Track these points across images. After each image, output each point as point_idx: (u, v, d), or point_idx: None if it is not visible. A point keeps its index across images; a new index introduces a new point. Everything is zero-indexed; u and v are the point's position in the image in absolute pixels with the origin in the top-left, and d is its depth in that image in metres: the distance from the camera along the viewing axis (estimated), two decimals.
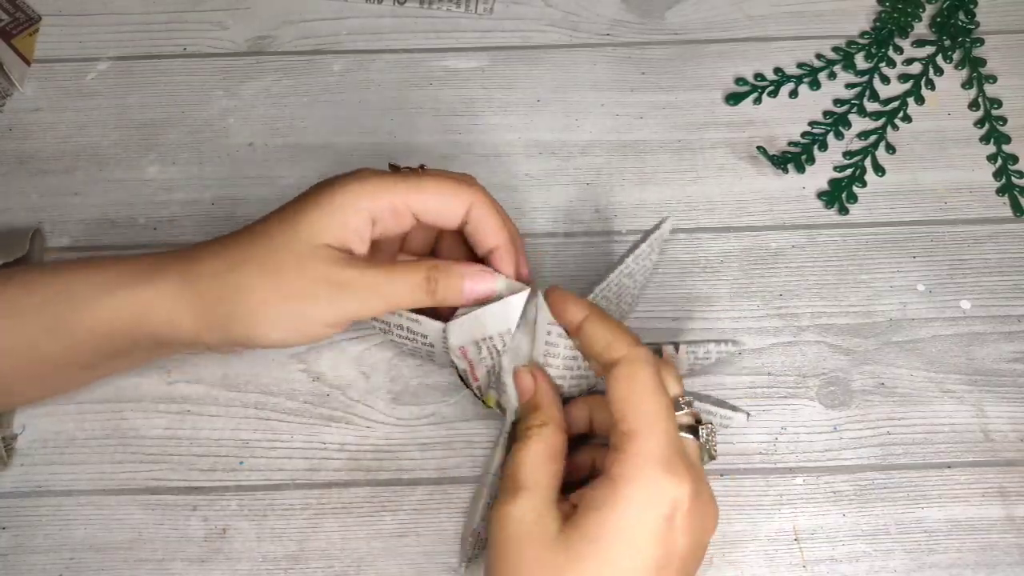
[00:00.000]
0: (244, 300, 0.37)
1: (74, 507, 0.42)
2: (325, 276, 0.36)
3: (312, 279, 0.36)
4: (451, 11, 0.56)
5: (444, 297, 0.38)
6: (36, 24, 0.55)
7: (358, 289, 0.37)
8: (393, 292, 0.37)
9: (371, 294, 0.37)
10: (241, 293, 0.37)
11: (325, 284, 0.36)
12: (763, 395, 0.45)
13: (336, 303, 0.37)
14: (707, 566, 0.41)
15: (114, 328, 0.37)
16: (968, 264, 0.48)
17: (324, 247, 0.37)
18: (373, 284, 0.37)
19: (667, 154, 0.51)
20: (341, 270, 0.37)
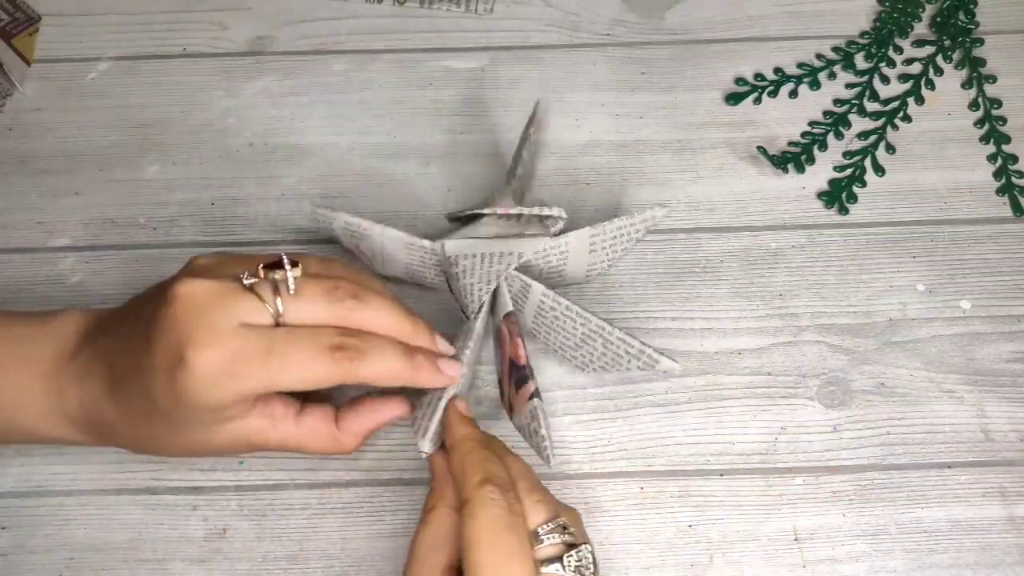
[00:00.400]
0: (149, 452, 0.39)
1: (74, 507, 0.42)
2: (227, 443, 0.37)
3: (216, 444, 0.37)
4: (451, 11, 0.56)
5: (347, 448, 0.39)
6: (36, 24, 0.55)
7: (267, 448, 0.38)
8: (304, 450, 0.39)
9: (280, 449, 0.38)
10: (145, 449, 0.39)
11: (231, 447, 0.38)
12: (763, 395, 0.45)
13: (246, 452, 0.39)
14: (707, 566, 0.41)
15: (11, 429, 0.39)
16: (968, 264, 0.48)
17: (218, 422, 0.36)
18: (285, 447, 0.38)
19: (667, 154, 0.51)
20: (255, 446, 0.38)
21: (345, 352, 0.35)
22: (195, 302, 0.34)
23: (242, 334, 0.34)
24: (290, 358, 0.34)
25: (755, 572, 0.41)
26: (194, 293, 0.34)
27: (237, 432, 0.37)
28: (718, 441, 0.44)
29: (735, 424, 0.44)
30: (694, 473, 0.43)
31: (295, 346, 0.35)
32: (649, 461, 0.43)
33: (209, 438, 0.36)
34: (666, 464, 0.43)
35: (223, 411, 0.35)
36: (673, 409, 0.44)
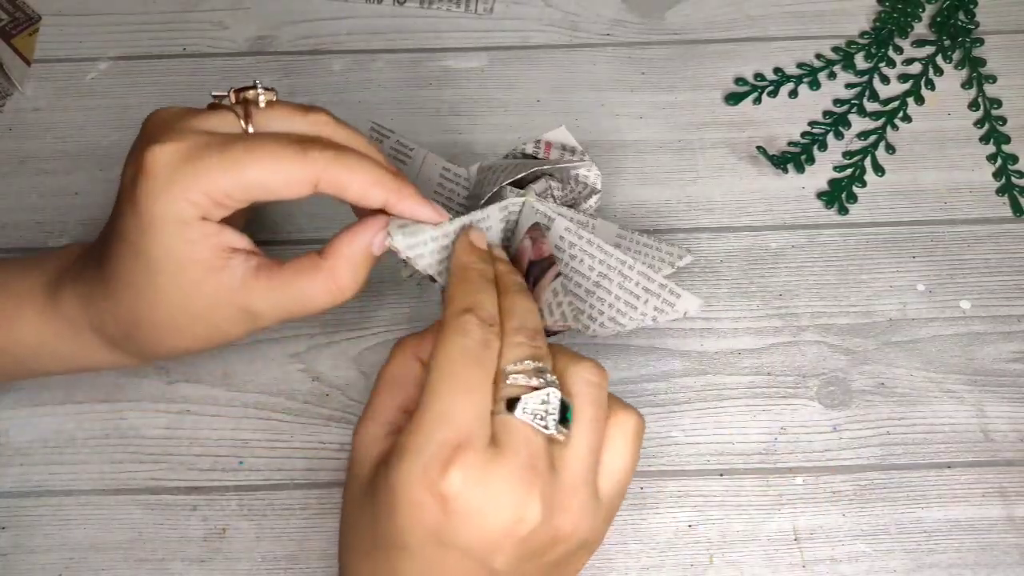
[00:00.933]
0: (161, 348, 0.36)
1: (74, 507, 0.42)
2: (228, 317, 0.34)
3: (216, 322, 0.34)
4: (451, 11, 0.56)
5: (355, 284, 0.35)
6: (36, 24, 0.55)
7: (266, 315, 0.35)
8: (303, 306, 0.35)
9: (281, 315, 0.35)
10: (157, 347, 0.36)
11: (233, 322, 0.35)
12: (763, 395, 0.45)
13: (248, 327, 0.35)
14: (707, 566, 0.41)
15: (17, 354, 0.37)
16: (968, 264, 0.48)
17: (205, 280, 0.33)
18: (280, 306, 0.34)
19: (667, 154, 0.51)
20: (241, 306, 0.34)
21: (318, 143, 0.32)
22: (161, 117, 0.33)
23: (206, 134, 0.32)
24: (256, 147, 0.32)
25: (755, 572, 0.41)
26: (162, 112, 0.34)
27: (219, 289, 0.33)
28: (718, 441, 0.44)
29: (735, 424, 0.44)
30: (694, 473, 0.43)
31: (263, 138, 0.32)
32: (649, 461, 0.43)
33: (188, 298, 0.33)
34: (666, 464, 0.43)
35: (189, 225, 0.32)
36: (673, 409, 0.44)
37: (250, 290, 0.34)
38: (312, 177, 0.32)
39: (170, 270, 0.33)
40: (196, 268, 0.33)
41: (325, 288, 0.34)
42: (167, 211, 0.32)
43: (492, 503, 0.30)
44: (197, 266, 0.33)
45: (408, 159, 0.45)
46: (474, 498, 0.29)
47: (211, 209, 0.32)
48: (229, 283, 0.33)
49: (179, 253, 0.32)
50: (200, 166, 0.31)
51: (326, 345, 0.46)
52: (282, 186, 0.32)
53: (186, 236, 0.32)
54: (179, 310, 0.34)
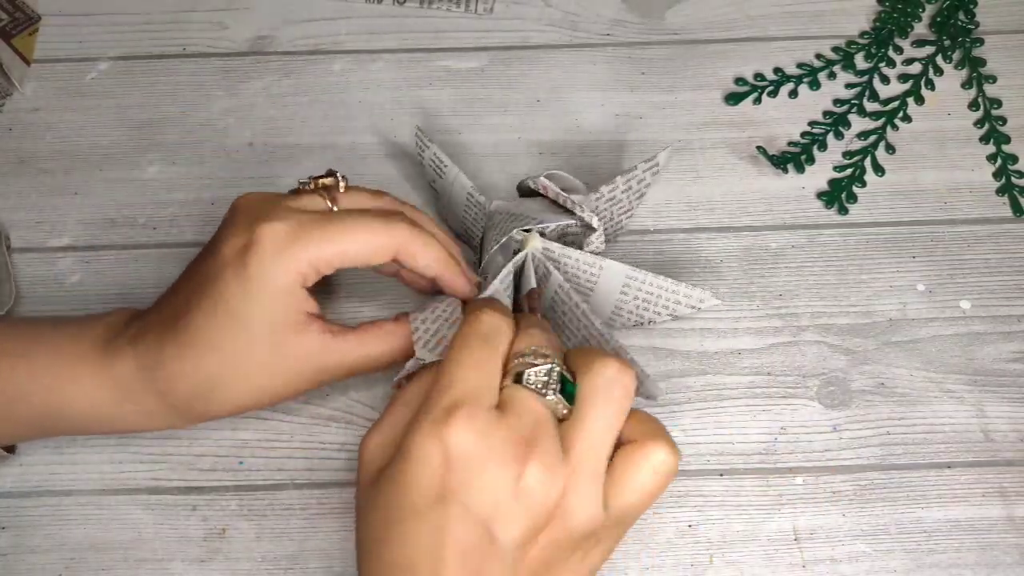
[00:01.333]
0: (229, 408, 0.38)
1: (74, 507, 0.42)
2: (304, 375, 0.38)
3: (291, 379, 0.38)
4: (451, 11, 0.56)
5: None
6: (36, 24, 0.55)
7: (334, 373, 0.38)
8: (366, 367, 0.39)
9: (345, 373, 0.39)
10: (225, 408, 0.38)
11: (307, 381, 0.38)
12: (763, 395, 0.45)
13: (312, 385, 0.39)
14: (707, 566, 0.41)
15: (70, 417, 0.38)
16: (968, 264, 0.48)
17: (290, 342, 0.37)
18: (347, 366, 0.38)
19: None
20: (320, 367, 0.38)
21: (399, 218, 0.37)
22: (258, 200, 0.37)
23: (302, 212, 0.37)
24: (348, 222, 0.36)
25: (755, 572, 0.41)
26: (255, 196, 0.38)
27: (300, 349, 0.37)
28: (718, 441, 0.44)
29: (735, 424, 0.44)
30: (694, 473, 0.43)
31: (351, 214, 0.37)
32: None
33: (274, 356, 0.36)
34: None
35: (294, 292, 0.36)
36: (673, 409, 0.44)
37: (329, 353, 0.37)
38: (395, 248, 0.37)
39: (264, 332, 0.36)
40: (287, 331, 0.36)
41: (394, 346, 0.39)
42: (277, 279, 0.35)
43: (493, 458, 0.31)
44: (288, 329, 0.36)
45: (442, 176, 0.46)
46: (476, 453, 0.31)
47: (311, 277, 0.37)
48: (310, 344, 0.37)
49: (276, 316, 0.36)
50: (307, 240, 0.36)
51: None
52: (371, 255, 0.37)
53: (286, 302, 0.36)
54: (263, 369, 0.37)
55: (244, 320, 0.36)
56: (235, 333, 0.36)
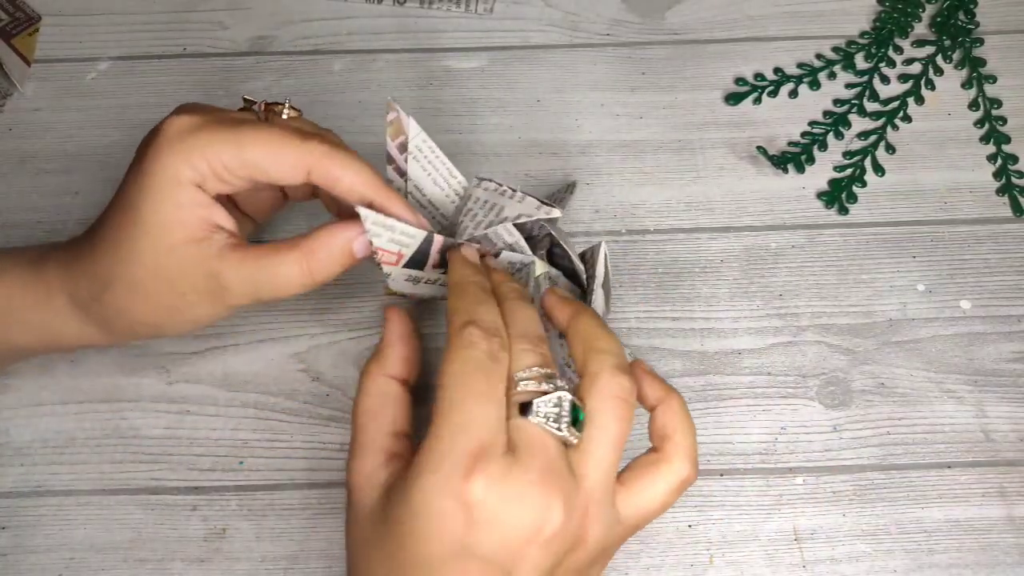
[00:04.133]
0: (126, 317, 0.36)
1: (74, 507, 0.42)
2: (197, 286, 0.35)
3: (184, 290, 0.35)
4: (451, 11, 0.56)
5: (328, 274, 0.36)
6: (36, 24, 0.55)
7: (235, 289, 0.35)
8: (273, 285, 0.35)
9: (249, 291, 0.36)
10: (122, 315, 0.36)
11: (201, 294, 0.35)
12: (763, 395, 0.45)
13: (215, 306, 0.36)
14: (707, 566, 0.41)
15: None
16: (968, 264, 0.48)
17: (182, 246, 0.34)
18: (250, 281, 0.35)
19: (667, 154, 0.51)
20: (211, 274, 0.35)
21: (319, 137, 0.35)
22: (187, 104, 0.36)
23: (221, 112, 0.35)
24: (262, 130, 0.34)
25: (755, 572, 0.41)
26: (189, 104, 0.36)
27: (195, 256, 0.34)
28: (718, 441, 0.44)
29: (735, 424, 0.44)
30: None
31: (269, 124, 0.35)
32: None
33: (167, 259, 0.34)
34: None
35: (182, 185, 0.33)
36: None
37: (223, 260, 0.35)
38: (306, 164, 0.34)
39: (154, 231, 0.34)
40: (177, 232, 0.34)
41: (298, 270, 0.35)
42: (166, 169, 0.33)
43: (515, 509, 0.30)
44: (179, 230, 0.34)
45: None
46: (497, 504, 0.29)
47: (209, 179, 0.34)
48: (205, 252, 0.35)
49: (166, 214, 0.34)
50: (207, 136, 0.34)
51: (326, 345, 0.46)
52: (277, 168, 0.34)
53: (176, 198, 0.34)
54: (151, 272, 0.35)
55: (134, 213, 0.34)
56: (128, 231, 0.34)
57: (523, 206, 0.38)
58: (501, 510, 0.30)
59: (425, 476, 0.30)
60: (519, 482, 0.30)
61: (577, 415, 0.31)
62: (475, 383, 0.31)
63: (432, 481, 0.30)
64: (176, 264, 0.35)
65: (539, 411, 0.31)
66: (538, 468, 0.30)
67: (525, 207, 0.38)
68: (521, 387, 0.32)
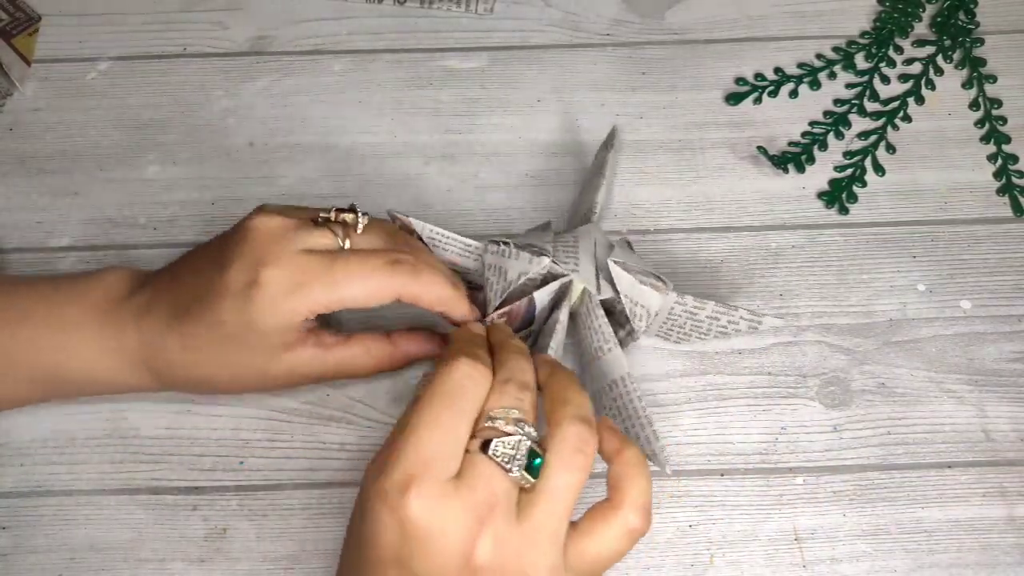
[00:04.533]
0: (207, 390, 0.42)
1: (74, 507, 0.42)
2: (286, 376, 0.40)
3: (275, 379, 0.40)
4: (451, 11, 0.56)
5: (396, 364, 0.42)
6: (36, 24, 0.55)
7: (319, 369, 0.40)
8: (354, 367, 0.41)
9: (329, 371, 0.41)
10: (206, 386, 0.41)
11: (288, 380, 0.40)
12: (763, 395, 0.45)
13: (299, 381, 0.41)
14: (707, 566, 0.41)
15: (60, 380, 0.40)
16: (968, 264, 0.48)
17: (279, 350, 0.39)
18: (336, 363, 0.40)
19: (667, 154, 0.51)
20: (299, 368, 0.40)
21: (402, 264, 0.38)
22: (270, 231, 0.38)
23: (308, 255, 0.38)
24: (352, 269, 0.38)
25: (755, 572, 0.41)
26: (270, 224, 0.38)
27: (294, 362, 0.39)
28: (718, 441, 0.44)
29: (735, 424, 0.44)
30: (694, 473, 0.43)
31: (357, 259, 0.38)
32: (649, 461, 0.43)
33: (268, 366, 0.39)
34: None
35: (289, 331, 0.38)
36: (673, 409, 0.44)
37: (320, 364, 0.40)
38: (395, 294, 0.38)
39: (260, 353, 0.39)
40: (282, 350, 0.39)
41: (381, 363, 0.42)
42: (277, 321, 0.37)
43: (445, 532, 0.31)
44: (283, 348, 0.39)
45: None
46: (429, 525, 0.31)
47: (310, 318, 0.38)
48: (302, 358, 0.39)
49: (273, 342, 0.38)
50: (309, 289, 0.37)
51: None
52: (371, 300, 0.38)
53: (284, 334, 0.38)
54: (255, 375, 0.39)
55: (242, 344, 0.38)
56: (233, 350, 0.38)
57: (519, 263, 0.41)
58: (432, 530, 0.31)
59: (370, 484, 0.32)
60: (452, 508, 0.31)
61: (534, 461, 0.32)
62: (439, 410, 0.33)
63: (374, 490, 0.32)
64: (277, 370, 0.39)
65: (496, 450, 0.32)
66: (476, 500, 0.31)
67: (520, 264, 0.41)
68: (488, 424, 0.33)
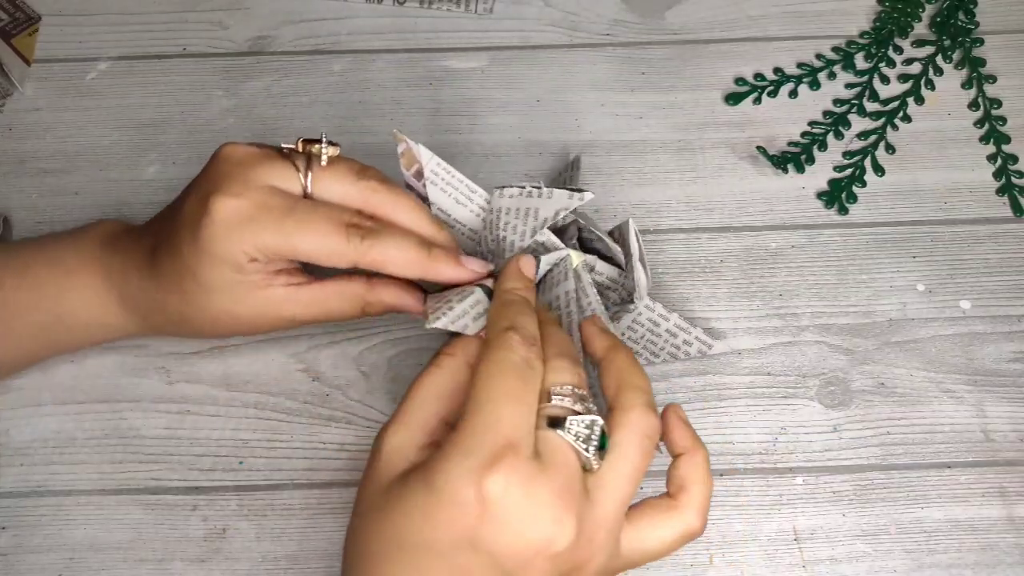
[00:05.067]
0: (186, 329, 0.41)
1: (74, 507, 0.42)
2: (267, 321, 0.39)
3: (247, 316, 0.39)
4: (451, 11, 0.56)
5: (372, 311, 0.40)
6: (36, 24, 0.55)
7: (300, 318, 0.39)
8: (335, 316, 0.39)
9: (314, 318, 0.39)
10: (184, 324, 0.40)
11: (272, 323, 0.39)
12: (763, 395, 0.45)
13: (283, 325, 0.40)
14: (707, 566, 0.41)
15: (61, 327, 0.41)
16: (968, 264, 0.48)
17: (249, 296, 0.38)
18: (315, 313, 0.39)
19: (667, 154, 0.51)
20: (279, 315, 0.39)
21: (360, 230, 0.37)
22: (233, 159, 0.37)
23: (268, 192, 0.36)
24: (308, 223, 0.36)
25: (755, 572, 0.41)
26: (234, 151, 0.37)
27: (263, 301, 0.38)
28: (718, 441, 0.44)
29: (735, 424, 0.44)
30: None
31: (315, 214, 0.36)
32: None
33: (235, 305, 0.38)
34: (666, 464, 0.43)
35: (242, 267, 0.36)
36: None
37: (292, 303, 0.38)
38: (351, 260, 0.37)
39: (222, 289, 0.37)
40: (244, 288, 0.37)
41: (354, 310, 0.39)
42: (225, 254, 0.36)
43: (531, 514, 0.30)
44: (245, 286, 0.37)
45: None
46: (514, 505, 0.30)
47: (262, 257, 0.37)
48: (272, 297, 0.38)
49: (229, 279, 0.37)
50: (256, 228, 0.36)
51: (326, 345, 0.46)
52: (324, 260, 0.37)
53: (238, 270, 0.37)
54: (225, 314, 0.38)
55: (199, 277, 0.37)
56: (194, 286, 0.37)
57: (554, 201, 0.39)
58: (516, 512, 0.30)
59: (451, 463, 0.30)
60: (539, 490, 0.30)
61: (604, 442, 0.32)
62: (510, 383, 0.32)
63: (457, 468, 0.30)
64: (248, 309, 0.38)
65: (571, 428, 0.31)
66: (560, 482, 0.30)
67: (557, 201, 0.39)
68: (555, 401, 0.32)
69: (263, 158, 0.37)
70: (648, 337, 0.42)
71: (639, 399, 0.33)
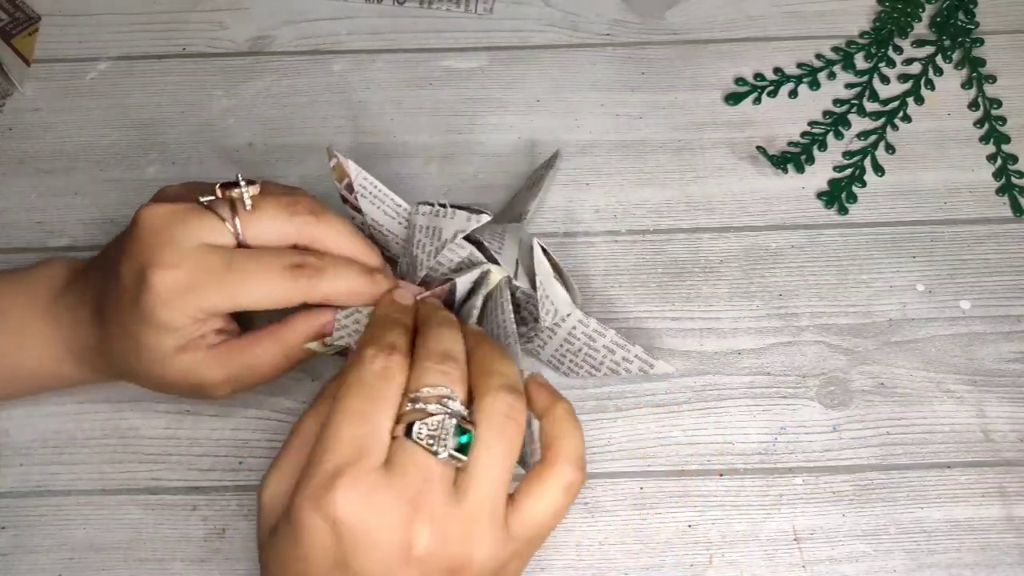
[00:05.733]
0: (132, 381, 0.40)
1: (74, 507, 0.42)
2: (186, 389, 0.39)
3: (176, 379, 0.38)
4: (451, 11, 0.56)
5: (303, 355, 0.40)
6: (36, 24, 0.55)
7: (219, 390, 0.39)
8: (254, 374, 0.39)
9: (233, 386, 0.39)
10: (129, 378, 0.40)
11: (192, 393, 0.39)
12: (763, 395, 0.45)
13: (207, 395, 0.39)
14: (707, 566, 0.41)
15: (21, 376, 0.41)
16: (968, 264, 0.48)
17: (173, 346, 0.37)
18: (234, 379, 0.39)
19: (667, 154, 0.51)
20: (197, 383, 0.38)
21: (304, 269, 0.36)
22: (156, 223, 0.36)
23: (202, 253, 0.36)
24: (250, 275, 0.36)
25: (755, 572, 0.41)
26: (155, 215, 0.36)
27: (185, 365, 0.37)
28: (718, 441, 0.44)
29: (735, 424, 0.44)
30: (694, 473, 0.43)
31: (255, 263, 0.36)
32: (649, 461, 0.43)
33: (164, 369, 0.37)
34: (666, 464, 0.43)
35: (183, 330, 0.36)
36: (673, 409, 0.44)
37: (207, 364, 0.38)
38: (299, 299, 0.37)
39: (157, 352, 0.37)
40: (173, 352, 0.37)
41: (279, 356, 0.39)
42: (168, 322, 0.36)
43: (379, 524, 0.30)
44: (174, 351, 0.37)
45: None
46: (361, 520, 0.30)
47: (206, 319, 0.37)
48: (192, 361, 0.37)
49: (167, 344, 0.37)
50: (200, 292, 0.35)
51: None
52: (272, 305, 0.37)
53: (178, 336, 0.36)
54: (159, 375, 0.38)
55: (144, 343, 0.37)
56: (139, 349, 0.37)
57: (455, 221, 0.40)
58: (364, 525, 0.30)
59: (297, 493, 0.31)
60: (383, 498, 0.30)
61: (462, 438, 0.31)
62: (351, 401, 0.31)
63: (299, 497, 0.30)
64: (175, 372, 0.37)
65: (420, 432, 0.31)
66: (407, 485, 0.30)
67: (457, 222, 0.40)
68: (411, 406, 0.32)
69: (187, 215, 0.36)
70: (585, 351, 0.42)
71: (493, 382, 0.33)
